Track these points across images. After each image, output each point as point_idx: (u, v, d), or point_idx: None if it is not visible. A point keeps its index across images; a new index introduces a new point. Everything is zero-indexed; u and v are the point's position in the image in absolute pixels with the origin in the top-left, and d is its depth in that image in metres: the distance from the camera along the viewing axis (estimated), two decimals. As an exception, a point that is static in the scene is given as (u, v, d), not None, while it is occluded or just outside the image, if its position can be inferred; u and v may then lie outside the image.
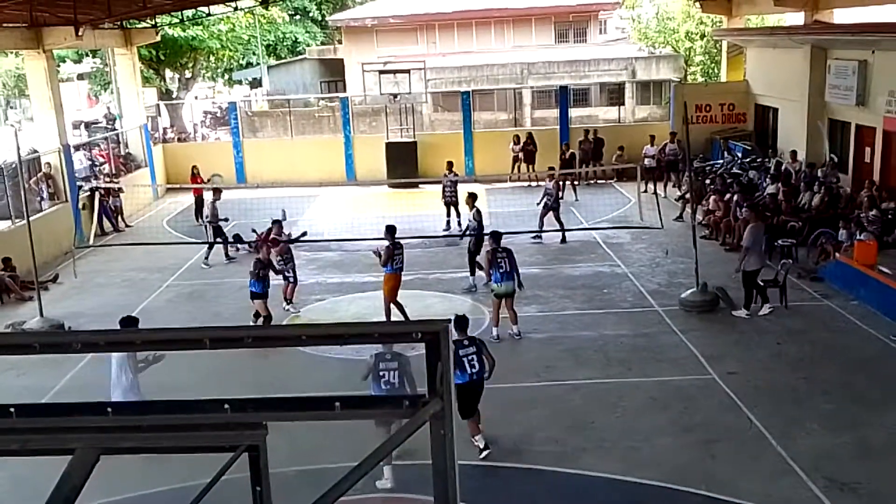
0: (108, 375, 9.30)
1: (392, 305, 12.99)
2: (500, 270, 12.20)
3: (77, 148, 23.07)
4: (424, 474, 2.43)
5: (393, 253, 12.93)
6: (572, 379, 11.09)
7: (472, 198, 15.76)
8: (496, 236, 12.65)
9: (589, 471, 8.80)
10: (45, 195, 19.34)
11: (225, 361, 10.71)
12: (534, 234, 17.89)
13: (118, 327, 8.92)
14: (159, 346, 2.34)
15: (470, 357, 8.83)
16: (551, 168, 21.39)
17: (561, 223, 17.91)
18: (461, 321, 9.26)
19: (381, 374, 8.57)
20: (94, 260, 18.24)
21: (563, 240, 17.84)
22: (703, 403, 10.20)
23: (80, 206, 19.76)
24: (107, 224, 20.80)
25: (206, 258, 17.52)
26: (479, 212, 15.56)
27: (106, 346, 2.26)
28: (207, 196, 18.63)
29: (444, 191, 19.68)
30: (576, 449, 9.25)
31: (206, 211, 18.05)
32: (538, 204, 18.64)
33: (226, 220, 18.12)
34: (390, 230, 13.16)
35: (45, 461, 2.26)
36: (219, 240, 17.73)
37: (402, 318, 12.64)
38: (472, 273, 14.94)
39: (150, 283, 16.23)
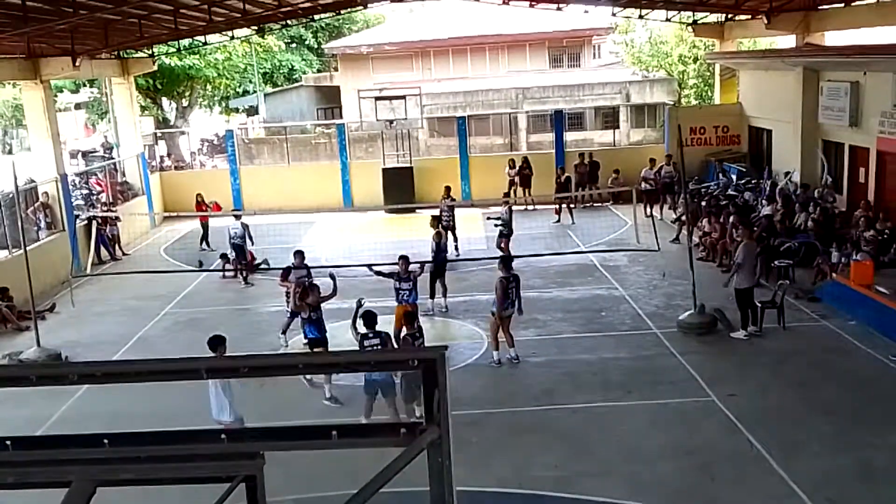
0: (107, 406, 9.25)
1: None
2: (508, 299, 12.27)
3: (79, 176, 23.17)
4: (421, 501, 2.42)
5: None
6: (571, 403, 11.04)
7: (436, 220, 15.93)
8: (508, 263, 12.68)
9: (590, 495, 8.74)
10: (42, 224, 19.35)
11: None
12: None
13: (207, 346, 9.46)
14: (156, 377, 2.33)
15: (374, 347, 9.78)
16: (506, 194, 21.45)
17: (508, 251, 17.84)
18: (369, 317, 10.18)
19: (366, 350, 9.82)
20: (92, 289, 18.21)
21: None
22: (703, 426, 10.16)
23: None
24: (104, 253, 20.80)
25: (245, 278, 18.16)
26: (439, 234, 15.64)
27: (102, 378, 2.26)
28: (233, 221, 18.91)
29: (441, 216, 19.74)
30: (576, 474, 9.19)
31: (240, 232, 18.45)
32: (489, 218, 19.00)
33: (252, 241, 18.63)
34: (406, 259, 13.32)
35: (46, 493, 2.25)
36: (234, 258, 18.26)
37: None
38: (432, 296, 15.10)
39: (148, 311, 16.19)
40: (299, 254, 14.64)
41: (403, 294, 12.99)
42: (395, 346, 12.78)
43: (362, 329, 10.20)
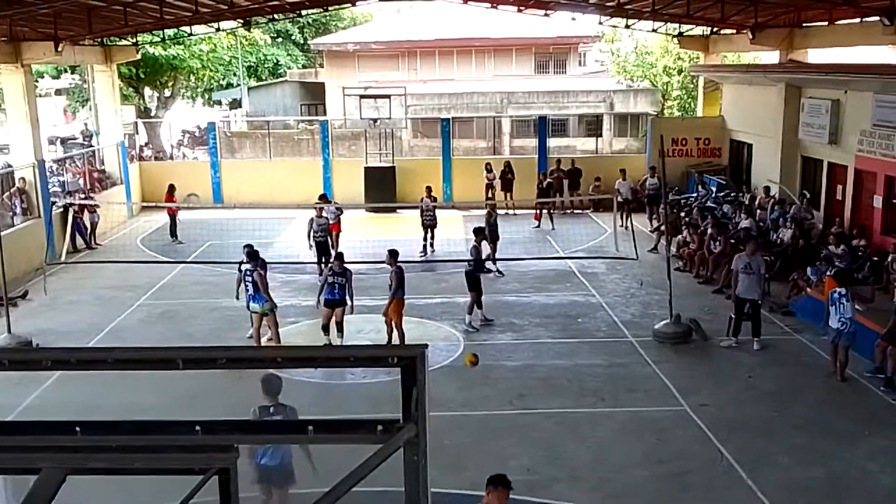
0: (78, 396, 9.12)
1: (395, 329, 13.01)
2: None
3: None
4: (393, 500, 2.40)
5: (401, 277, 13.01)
6: (545, 408, 11.07)
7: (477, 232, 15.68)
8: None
9: (561, 500, 8.76)
10: (17, 210, 19.12)
11: (196, 382, 10.57)
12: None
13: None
14: (132, 365, 2.30)
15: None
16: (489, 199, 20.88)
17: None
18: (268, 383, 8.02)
19: None
20: (66, 277, 18.00)
21: None
22: (675, 435, 10.22)
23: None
24: (80, 241, 20.57)
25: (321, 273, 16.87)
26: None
27: (77, 364, 2.22)
28: (314, 212, 17.63)
29: (422, 214, 19.85)
30: (548, 478, 9.21)
31: (314, 227, 17.26)
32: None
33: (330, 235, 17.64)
34: (394, 255, 13.23)
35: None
36: (322, 257, 16.99)
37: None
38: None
39: (122, 301, 16.03)
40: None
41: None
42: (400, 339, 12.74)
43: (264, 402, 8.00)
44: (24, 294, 16.37)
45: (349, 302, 12.96)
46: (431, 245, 19.82)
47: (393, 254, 13.22)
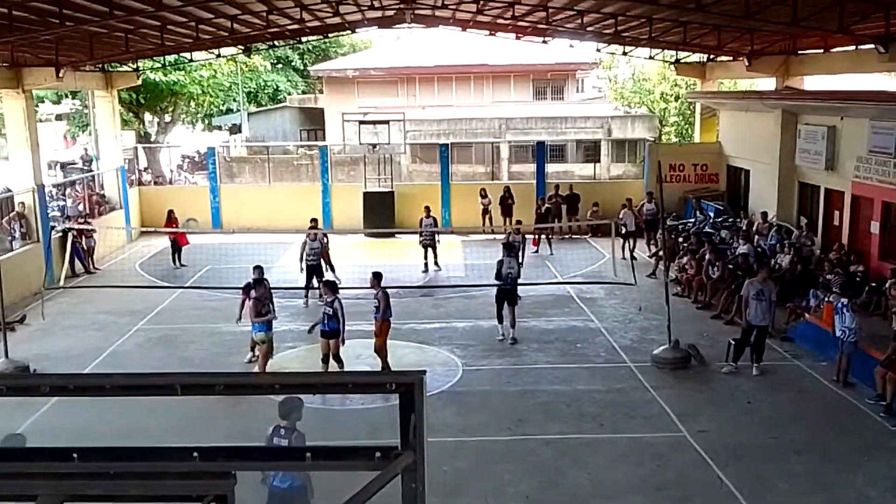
0: (75, 421, 9.05)
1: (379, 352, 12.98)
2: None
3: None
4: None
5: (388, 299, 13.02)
6: (544, 433, 11.02)
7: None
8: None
9: (559, 528, 8.70)
10: (17, 235, 19.13)
11: (195, 405, 10.52)
12: None
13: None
14: (130, 391, 2.30)
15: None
16: (524, 223, 21.39)
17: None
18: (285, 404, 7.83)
19: None
20: (64, 302, 17.98)
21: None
22: (674, 461, 10.17)
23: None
24: (78, 266, 20.56)
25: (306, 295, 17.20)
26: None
27: (75, 391, 2.22)
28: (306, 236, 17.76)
29: (421, 234, 19.95)
30: (546, 505, 9.15)
31: (306, 250, 17.37)
32: None
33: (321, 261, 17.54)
34: (378, 277, 13.21)
35: None
36: (312, 283, 16.97)
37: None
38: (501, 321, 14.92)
39: (120, 326, 16.00)
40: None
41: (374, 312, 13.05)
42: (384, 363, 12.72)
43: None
44: (22, 318, 16.34)
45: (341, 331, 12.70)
46: (436, 264, 20.02)
47: (377, 276, 13.22)
